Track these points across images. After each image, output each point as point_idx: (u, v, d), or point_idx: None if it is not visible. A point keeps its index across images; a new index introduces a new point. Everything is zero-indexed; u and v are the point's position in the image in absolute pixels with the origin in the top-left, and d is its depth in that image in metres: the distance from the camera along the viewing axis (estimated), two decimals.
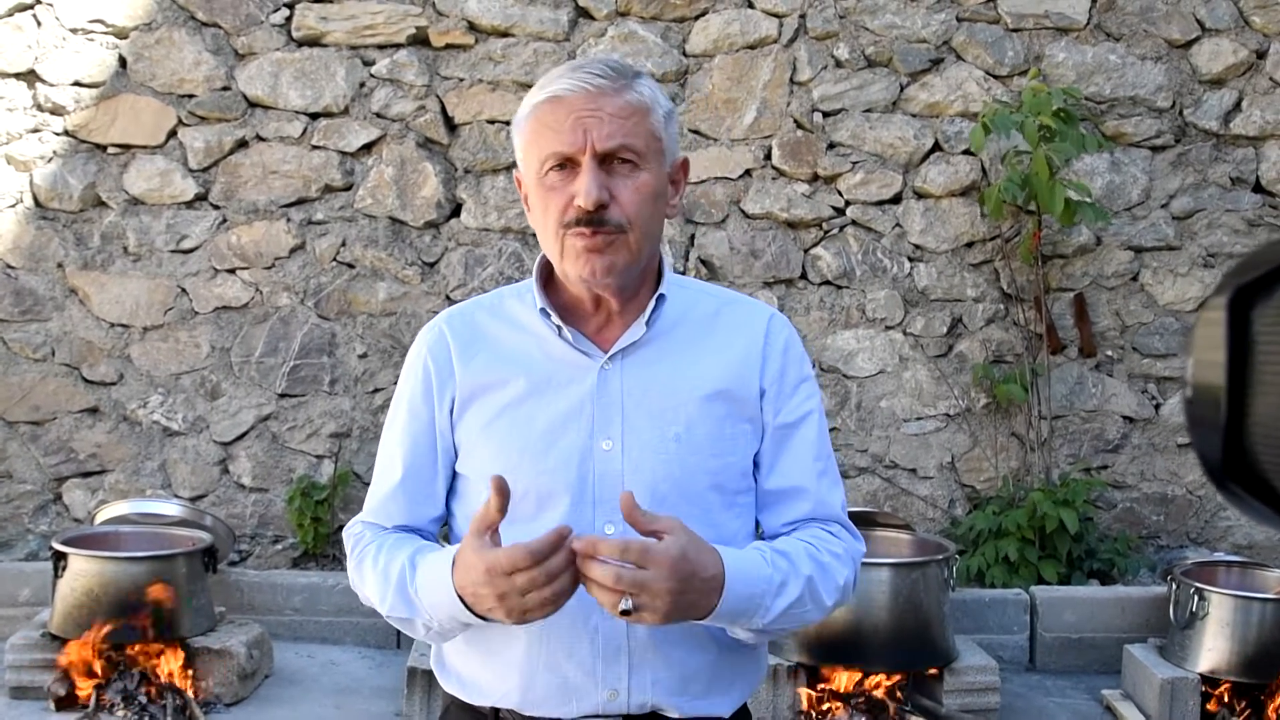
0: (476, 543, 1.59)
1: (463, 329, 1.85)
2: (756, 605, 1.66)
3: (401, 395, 1.87)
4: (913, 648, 4.33)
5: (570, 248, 1.70)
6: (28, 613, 4.87)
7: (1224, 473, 0.57)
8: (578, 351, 1.78)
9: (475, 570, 1.58)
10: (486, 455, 1.78)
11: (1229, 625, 4.35)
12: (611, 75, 1.70)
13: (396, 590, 1.73)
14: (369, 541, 1.83)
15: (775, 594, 1.68)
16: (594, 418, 1.75)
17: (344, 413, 5.55)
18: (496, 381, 1.79)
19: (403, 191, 5.52)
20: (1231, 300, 0.54)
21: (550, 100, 1.69)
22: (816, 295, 5.60)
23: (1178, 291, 5.62)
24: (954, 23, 5.57)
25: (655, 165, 1.73)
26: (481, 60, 5.52)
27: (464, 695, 1.82)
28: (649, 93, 1.73)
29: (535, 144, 1.72)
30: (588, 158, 1.67)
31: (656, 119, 1.73)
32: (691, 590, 1.57)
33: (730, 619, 1.66)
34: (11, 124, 5.47)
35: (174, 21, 5.48)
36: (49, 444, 5.53)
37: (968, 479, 5.64)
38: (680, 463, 1.74)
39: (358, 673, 4.82)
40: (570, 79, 1.68)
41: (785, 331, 1.87)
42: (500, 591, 1.55)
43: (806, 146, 5.56)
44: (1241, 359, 0.53)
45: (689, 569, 1.55)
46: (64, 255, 5.50)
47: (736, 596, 1.63)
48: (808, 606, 1.73)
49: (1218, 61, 5.57)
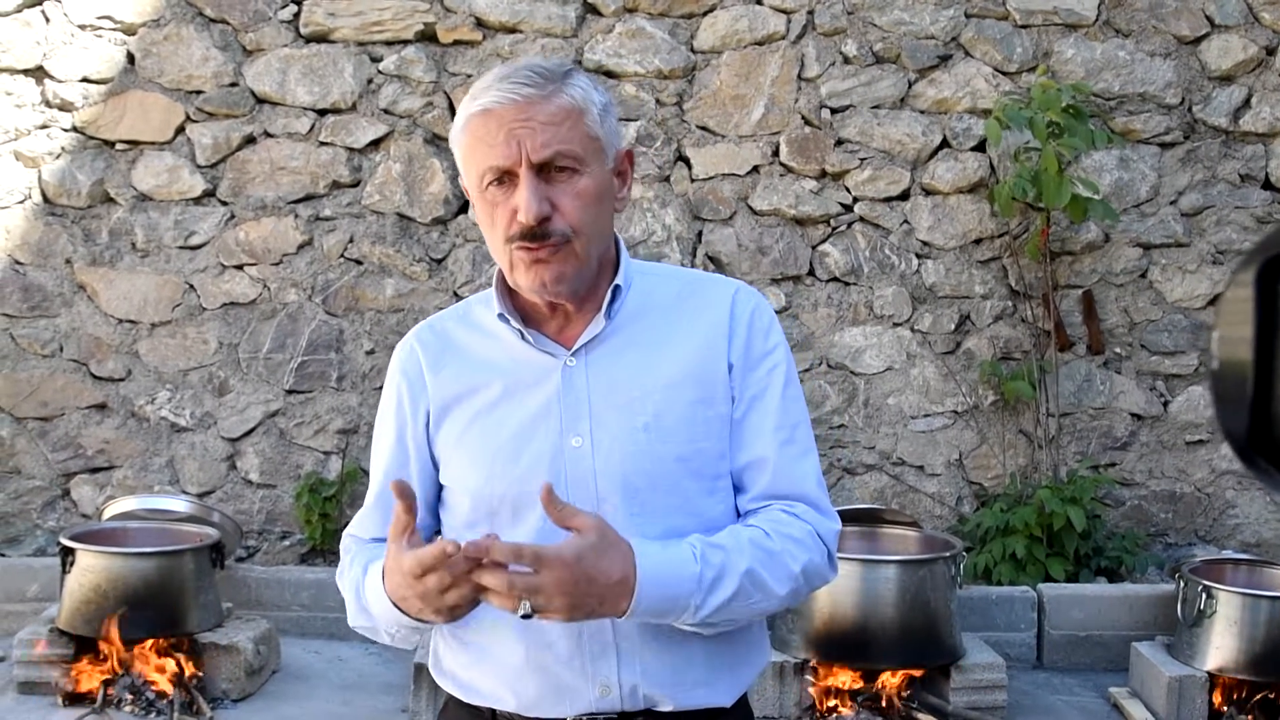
0: (394, 548, 1.60)
1: (432, 341, 1.85)
2: (681, 605, 1.62)
3: (382, 412, 1.89)
4: (920, 645, 4.33)
5: (518, 261, 1.69)
6: (36, 608, 4.88)
7: (1250, 447, 0.56)
8: (541, 352, 1.77)
9: (395, 575, 1.60)
10: (462, 464, 1.78)
11: (1237, 623, 4.35)
12: (539, 81, 1.65)
13: (355, 601, 1.77)
14: (349, 554, 1.87)
15: (706, 591, 1.63)
16: (562, 416, 1.74)
17: (351, 409, 5.55)
18: (466, 390, 1.79)
19: (410, 188, 5.52)
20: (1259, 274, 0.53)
21: (481, 113, 1.66)
22: (824, 292, 5.60)
23: (1187, 288, 5.61)
24: (962, 19, 5.56)
25: (596, 165, 1.70)
26: (489, 56, 5.52)
27: (462, 696, 1.82)
28: (580, 93, 1.69)
29: (471, 158, 1.69)
30: (524, 170, 1.64)
31: (592, 119, 1.69)
32: (592, 595, 1.55)
33: (652, 617, 1.63)
34: (20, 120, 5.48)
35: (182, 18, 5.49)
36: (57, 440, 5.54)
37: (975, 476, 5.64)
38: (650, 453, 1.72)
39: (365, 668, 4.82)
40: (498, 90, 1.65)
41: (750, 302, 1.83)
42: (419, 593, 1.57)
43: (814, 143, 5.55)
44: (1269, 333, 0.53)
45: (585, 573, 1.54)
46: (72, 251, 5.51)
47: (652, 598, 1.60)
48: (754, 598, 1.68)
49: (1227, 58, 5.55)
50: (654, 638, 1.71)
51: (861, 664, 4.33)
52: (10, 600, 5.03)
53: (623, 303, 1.78)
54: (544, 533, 1.68)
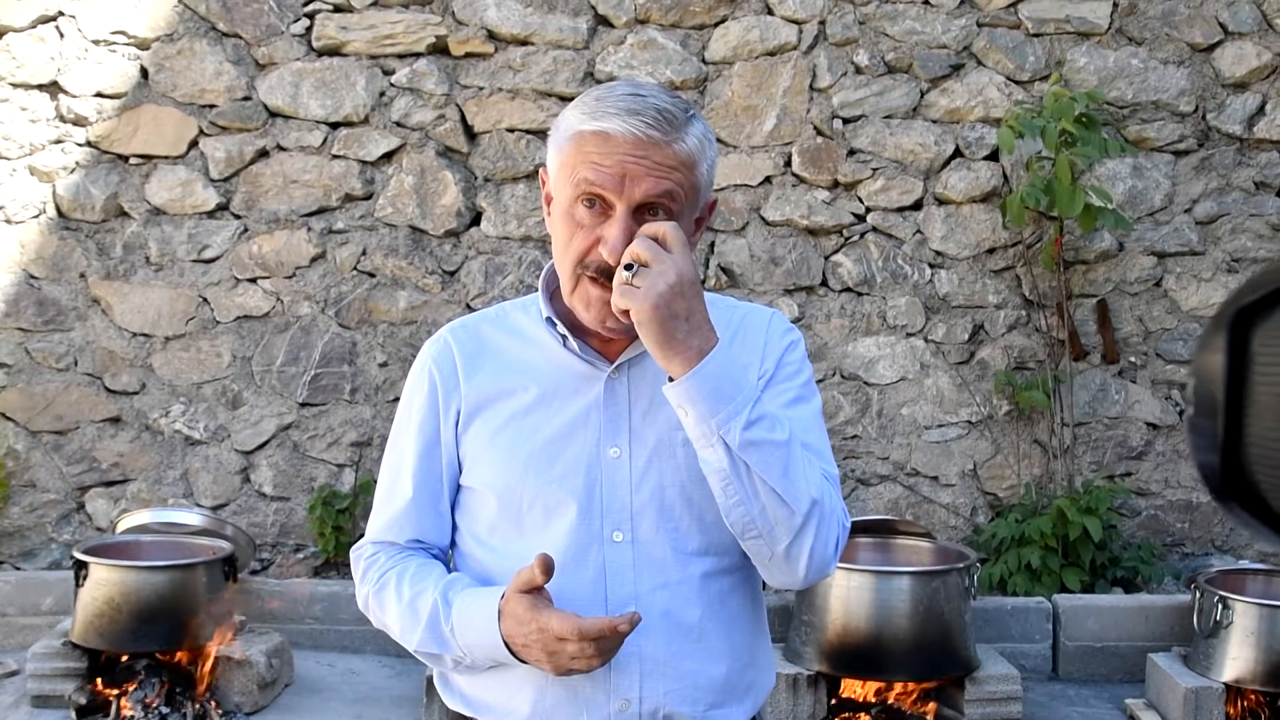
0: (528, 600, 1.63)
1: (468, 341, 1.84)
2: (730, 397, 1.60)
3: (408, 409, 1.86)
4: (934, 657, 4.31)
5: (584, 291, 1.69)
6: (50, 621, 4.89)
7: (1224, 491, 0.56)
8: (584, 361, 1.78)
9: (527, 625, 1.62)
10: (492, 467, 1.78)
11: (1254, 634, 4.32)
12: (665, 127, 1.64)
13: (428, 628, 1.74)
14: (387, 568, 1.82)
15: (753, 406, 1.61)
16: (601, 426, 1.75)
17: (365, 421, 5.56)
18: (502, 393, 1.79)
19: (423, 200, 5.53)
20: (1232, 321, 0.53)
21: (598, 134, 1.64)
22: (837, 302, 5.59)
23: (1201, 297, 5.58)
24: (974, 28, 5.55)
25: (687, 213, 1.70)
26: (501, 69, 5.53)
27: (469, 711, 1.81)
28: (696, 144, 1.68)
29: (572, 169, 1.67)
30: (622, 207, 1.64)
31: (700, 171, 1.69)
32: (680, 312, 1.58)
33: (705, 396, 1.59)
34: (34, 135, 5.51)
35: (195, 32, 5.51)
36: (72, 453, 5.56)
37: (990, 486, 5.62)
38: (689, 468, 1.72)
39: (377, 681, 4.82)
40: (625, 121, 1.63)
41: (783, 326, 1.87)
42: (550, 651, 1.61)
43: (827, 153, 5.55)
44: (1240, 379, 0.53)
45: (691, 293, 1.59)
46: (86, 265, 5.53)
47: (718, 369, 1.60)
48: (784, 473, 1.62)
49: (1241, 65, 5.53)
50: (678, 658, 1.73)
51: (875, 676, 4.32)
52: (25, 614, 5.05)
53: None
54: (573, 538, 1.72)
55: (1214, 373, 0.54)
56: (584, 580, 1.71)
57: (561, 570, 1.68)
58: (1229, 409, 0.53)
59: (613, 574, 1.72)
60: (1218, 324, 0.55)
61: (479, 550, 1.81)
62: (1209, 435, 0.55)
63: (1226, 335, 0.53)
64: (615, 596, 1.69)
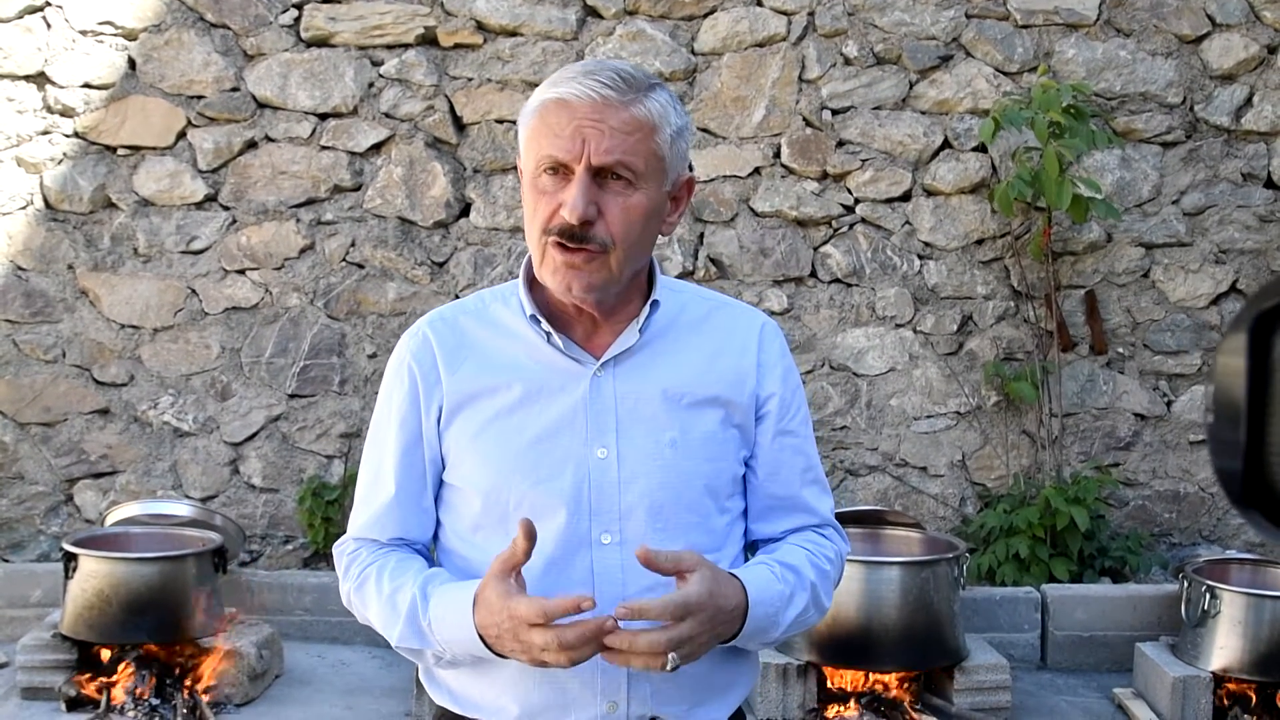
0: (501, 585, 1.59)
1: (448, 335, 1.80)
2: (772, 623, 1.71)
3: (388, 404, 1.82)
4: (923, 646, 4.33)
5: (550, 258, 1.68)
6: (39, 614, 4.88)
7: (1244, 497, 0.56)
8: (568, 358, 1.75)
9: (499, 613, 1.58)
10: (477, 466, 1.75)
11: (1241, 623, 4.34)
12: (621, 86, 1.64)
13: (407, 622, 1.71)
14: (368, 563, 1.80)
15: (786, 607, 1.72)
16: (587, 425, 1.73)
17: (354, 413, 5.55)
18: (485, 390, 1.76)
19: (412, 191, 5.52)
20: (1253, 326, 0.53)
21: (556, 102, 1.65)
22: (826, 293, 5.60)
23: (1189, 288, 5.60)
24: (963, 19, 5.56)
25: (653, 185, 1.69)
26: (490, 60, 5.51)
27: (456, 708, 1.80)
28: (658, 108, 1.67)
29: (534, 142, 1.68)
30: (581, 169, 1.63)
31: (662, 138, 1.68)
32: (720, 624, 1.63)
33: (749, 640, 1.71)
34: (21, 126, 5.48)
35: (183, 23, 5.49)
36: (60, 445, 5.54)
37: (978, 477, 5.63)
38: (676, 469, 1.72)
39: (368, 673, 4.83)
40: (580, 83, 1.63)
41: (778, 339, 1.87)
42: (521, 640, 1.57)
43: (816, 144, 5.55)
44: (1262, 384, 0.53)
45: (718, 607, 1.61)
46: (74, 257, 5.51)
47: (756, 619, 1.68)
48: (810, 613, 1.78)
49: (1228, 57, 5.55)
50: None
51: (865, 666, 4.33)
52: (13, 606, 5.04)
53: (654, 318, 1.78)
54: (562, 541, 1.71)
55: (1235, 379, 0.54)
56: (573, 583, 1.69)
57: (550, 573, 1.68)
58: (1251, 414, 0.52)
59: (601, 576, 1.71)
60: (1237, 329, 0.55)
61: (462, 547, 1.79)
62: (1230, 442, 0.55)
63: (1247, 339, 0.53)
64: (604, 599, 1.66)
